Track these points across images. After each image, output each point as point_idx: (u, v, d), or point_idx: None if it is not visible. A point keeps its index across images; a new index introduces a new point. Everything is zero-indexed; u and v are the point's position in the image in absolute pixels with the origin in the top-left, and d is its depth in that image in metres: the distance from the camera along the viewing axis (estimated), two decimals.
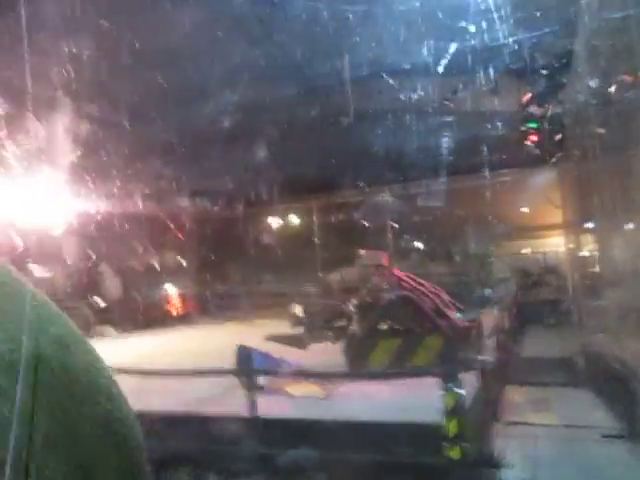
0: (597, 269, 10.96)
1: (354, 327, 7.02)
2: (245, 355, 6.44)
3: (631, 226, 8.17)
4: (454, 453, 4.00)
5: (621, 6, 6.29)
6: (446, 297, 7.43)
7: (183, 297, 19.36)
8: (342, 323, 7.28)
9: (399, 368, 6.30)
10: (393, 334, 6.80)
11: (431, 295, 7.13)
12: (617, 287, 8.12)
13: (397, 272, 7.66)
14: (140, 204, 15.78)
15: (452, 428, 4.00)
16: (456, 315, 6.50)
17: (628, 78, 6.36)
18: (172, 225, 19.48)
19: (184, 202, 18.56)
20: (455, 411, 4.05)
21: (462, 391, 4.15)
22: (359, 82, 11.10)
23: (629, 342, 6.76)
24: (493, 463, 5.48)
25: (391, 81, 11.71)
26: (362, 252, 7.93)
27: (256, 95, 10.67)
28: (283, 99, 11.26)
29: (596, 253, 11.17)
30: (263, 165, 14.27)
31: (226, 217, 19.29)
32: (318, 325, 7.36)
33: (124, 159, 12.75)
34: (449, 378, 4.17)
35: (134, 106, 10.40)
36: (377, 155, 14.93)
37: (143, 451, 0.54)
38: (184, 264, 20.27)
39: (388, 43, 9.24)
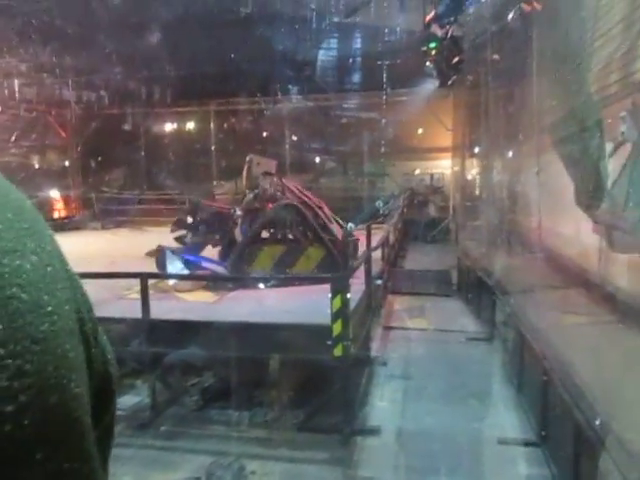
0: (476, 192, 11.79)
1: (237, 232, 7.05)
2: (162, 256, 6.50)
3: (510, 154, 8.80)
4: (337, 351, 4.34)
5: None
6: (327, 210, 7.63)
7: (67, 201, 18.12)
8: (225, 228, 7.25)
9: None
10: (277, 241, 6.99)
11: (315, 207, 7.30)
12: (489, 209, 8.81)
13: (285, 181, 7.71)
14: (16, 94, 14.26)
15: (336, 328, 4.32)
16: (348, 226, 6.74)
17: (526, 6, 6.58)
18: (53, 121, 17.93)
19: (68, 95, 17.00)
20: (340, 313, 4.36)
21: (348, 295, 4.45)
22: None
23: (494, 258, 7.49)
24: (371, 360, 6.03)
25: None
26: (250, 157, 7.81)
27: None
28: None
29: (477, 177, 11.96)
30: (156, 59, 13.31)
31: (115, 115, 17.97)
32: (202, 230, 7.30)
33: None
34: (339, 283, 4.43)
35: None
36: (276, 61, 14.47)
37: None
38: (66, 164, 18.91)
39: None
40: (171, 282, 6.28)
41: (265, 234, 7.15)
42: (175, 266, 6.51)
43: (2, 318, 0.28)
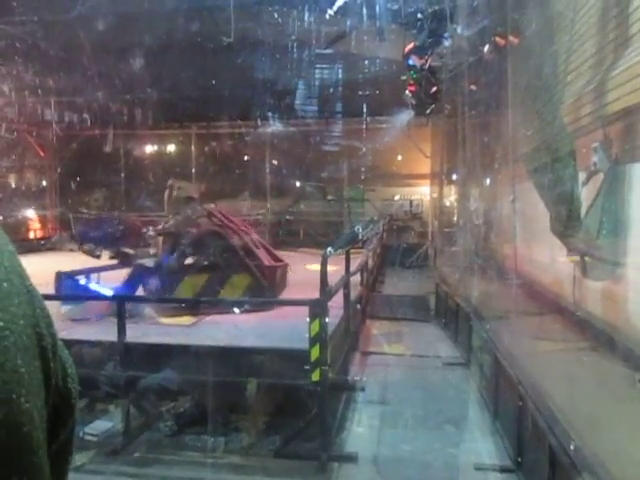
0: (454, 218, 11.97)
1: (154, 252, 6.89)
2: (57, 280, 6.36)
3: (486, 182, 8.98)
4: (315, 376, 4.33)
5: None
6: (255, 236, 7.52)
7: (44, 222, 17.92)
8: (130, 251, 7.06)
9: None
10: (200, 269, 6.69)
11: (241, 233, 7.07)
12: (467, 236, 8.95)
13: (209, 207, 7.61)
14: None
15: (314, 353, 4.31)
16: (327, 251, 6.79)
17: (500, 40, 6.80)
18: (33, 141, 17.78)
19: (49, 116, 16.91)
20: (318, 338, 4.35)
21: (326, 320, 4.45)
22: (245, 6, 10.71)
23: (471, 284, 7.58)
24: (348, 386, 6.00)
25: (275, 14, 11.43)
26: (171, 181, 7.71)
27: (134, 2, 9.88)
28: (163, 10, 10.52)
29: (455, 203, 12.16)
30: (139, 82, 13.36)
31: (96, 137, 17.89)
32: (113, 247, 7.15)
33: None
34: (316, 307, 4.44)
35: None
36: (257, 87, 14.63)
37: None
38: (44, 184, 18.70)
39: None
40: (63, 309, 5.87)
41: (188, 261, 6.84)
42: (69, 291, 6.34)
43: None
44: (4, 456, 0.29)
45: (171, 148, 19.86)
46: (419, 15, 8.16)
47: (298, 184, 18.67)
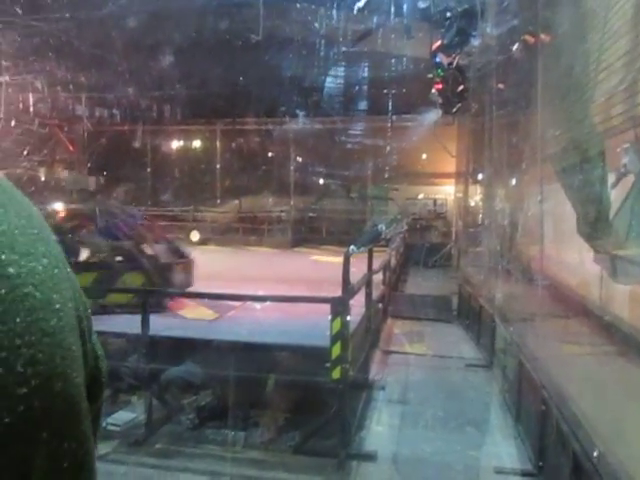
0: (479, 218, 11.83)
1: None
2: None
3: (513, 182, 8.86)
4: (335, 373, 4.33)
5: None
6: (159, 232, 7.23)
7: (72, 214, 18.25)
8: None
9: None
10: (87, 267, 6.33)
11: (140, 229, 6.81)
12: (492, 235, 8.84)
13: (109, 202, 7.38)
14: (30, 109, 14.45)
15: (335, 350, 4.31)
16: (350, 249, 6.74)
17: (529, 38, 6.69)
18: (62, 135, 18.12)
19: (80, 112, 17.22)
20: (339, 335, 4.35)
21: (348, 318, 4.45)
22: (273, 3, 10.75)
23: (495, 285, 7.49)
24: (369, 384, 5.99)
25: (302, 12, 11.44)
26: (65, 174, 7.59)
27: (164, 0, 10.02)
28: (192, 7, 10.63)
29: (480, 203, 12.02)
30: (166, 79, 13.54)
31: (123, 132, 18.18)
32: None
33: (14, 55, 11.55)
34: (338, 305, 4.44)
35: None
36: (283, 84, 14.69)
37: None
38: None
39: None
40: None
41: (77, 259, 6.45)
42: None
43: (20, 313, 0.32)
44: (59, 423, 0.33)
45: (197, 144, 20.06)
46: (448, 13, 8.08)
47: (322, 181, 18.69)
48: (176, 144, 19.74)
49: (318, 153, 17.80)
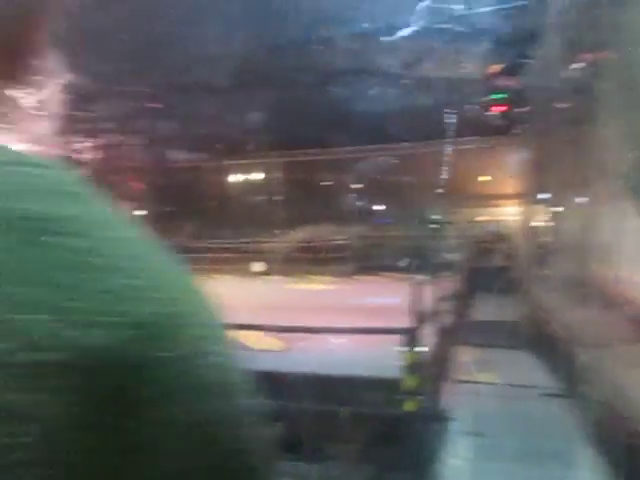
0: (546, 240, 11.48)
1: None
2: None
3: (581, 201, 8.59)
4: (410, 406, 4.28)
5: None
6: None
7: None
8: None
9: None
10: None
11: None
12: (562, 258, 8.56)
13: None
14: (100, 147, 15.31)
15: (410, 383, 4.27)
16: (416, 277, 6.68)
17: (591, 56, 6.56)
18: (129, 172, 19.03)
19: (144, 149, 18.10)
20: (414, 367, 4.31)
21: (423, 349, 4.41)
22: (330, 41, 11.04)
23: (570, 310, 7.21)
24: (442, 416, 5.86)
25: (355, 43, 11.69)
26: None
27: (231, 43, 10.51)
28: (259, 49, 11.10)
29: (547, 224, 11.69)
30: (232, 116, 14.07)
31: (187, 168, 18.91)
32: None
33: (86, 100, 12.35)
34: (409, 336, 4.41)
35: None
36: (342, 116, 14.94)
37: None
38: (137, 213, 19.89)
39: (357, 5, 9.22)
40: None
41: None
42: None
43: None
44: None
45: (258, 175, 20.58)
46: (509, 36, 8.05)
47: (381, 207, 18.70)
48: (239, 177, 20.36)
49: (377, 179, 17.86)
